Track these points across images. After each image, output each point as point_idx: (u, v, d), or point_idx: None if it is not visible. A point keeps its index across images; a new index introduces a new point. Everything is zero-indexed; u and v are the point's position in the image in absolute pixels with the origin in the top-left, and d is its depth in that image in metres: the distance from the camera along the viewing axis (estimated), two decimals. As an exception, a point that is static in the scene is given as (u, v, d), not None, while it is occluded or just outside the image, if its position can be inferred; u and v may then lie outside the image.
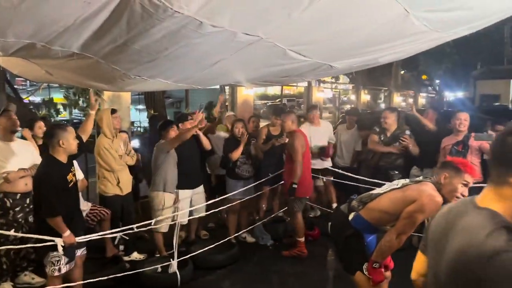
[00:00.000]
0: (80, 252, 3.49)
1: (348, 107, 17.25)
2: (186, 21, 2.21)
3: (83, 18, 2.17)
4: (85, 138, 3.87)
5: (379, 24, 2.72)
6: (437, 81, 25.22)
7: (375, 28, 2.79)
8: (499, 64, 19.95)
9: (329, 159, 5.91)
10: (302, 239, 4.89)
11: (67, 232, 3.16)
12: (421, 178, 3.08)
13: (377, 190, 3.17)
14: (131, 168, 4.79)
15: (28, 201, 3.92)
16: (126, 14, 2.12)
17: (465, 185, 2.73)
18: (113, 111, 4.55)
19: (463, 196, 2.71)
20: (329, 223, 3.35)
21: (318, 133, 5.78)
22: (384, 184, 4.84)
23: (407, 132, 5.30)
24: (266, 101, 19.68)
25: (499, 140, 1.19)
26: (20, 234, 3.68)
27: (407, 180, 3.10)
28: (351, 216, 3.09)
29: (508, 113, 11.59)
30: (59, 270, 3.24)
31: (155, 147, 4.63)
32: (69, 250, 3.23)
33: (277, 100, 18.71)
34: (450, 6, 2.51)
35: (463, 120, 4.80)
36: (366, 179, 5.15)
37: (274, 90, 21.05)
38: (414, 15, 2.57)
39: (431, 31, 2.86)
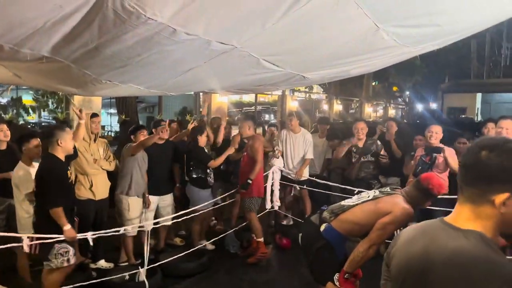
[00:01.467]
0: None
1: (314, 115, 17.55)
2: (159, 28, 2.20)
3: (54, 21, 2.13)
4: (76, 145, 3.95)
5: (350, 37, 2.80)
6: (407, 92, 25.96)
7: (346, 41, 2.86)
8: (466, 78, 20.76)
9: (306, 169, 5.92)
10: (261, 239, 4.93)
11: (68, 226, 3.29)
12: (389, 189, 3.15)
13: (348, 202, 3.22)
14: (110, 174, 4.72)
15: None
16: (98, 19, 2.10)
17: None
18: (93, 115, 4.55)
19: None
20: (300, 234, 3.36)
21: (296, 141, 5.82)
22: (355, 191, 5.00)
23: (378, 142, 5.43)
24: (240, 109, 19.70)
25: (473, 155, 1.09)
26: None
27: (377, 192, 3.16)
28: (322, 227, 3.12)
29: (474, 126, 12.04)
30: (68, 260, 3.37)
31: (122, 151, 4.61)
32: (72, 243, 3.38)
33: (252, 108, 18.76)
34: (418, 22, 2.60)
35: (434, 133, 4.89)
36: (336, 186, 5.24)
37: (249, 97, 21.15)
38: (383, 29, 2.65)
39: (400, 46, 2.96)
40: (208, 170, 5.06)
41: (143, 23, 2.10)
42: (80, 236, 3.51)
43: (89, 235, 3.60)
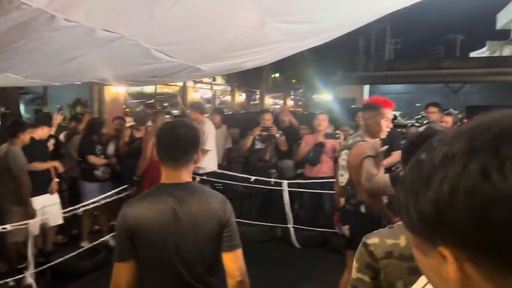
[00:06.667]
0: None
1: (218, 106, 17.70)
2: (35, 13, 2.06)
3: None
4: None
5: (239, 31, 2.89)
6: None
7: (236, 35, 2.95)
8: (355, 71, 22.62)
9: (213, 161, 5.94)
10: None
11: None
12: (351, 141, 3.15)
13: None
14: None
15: None
16: (-39, 1, 1.90)
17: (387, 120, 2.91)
18: None
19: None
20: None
21: None
22: (251, 179, 5.18)
23: (279, 131, 5.71)
24: (140, 100, 18.98)
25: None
26: None
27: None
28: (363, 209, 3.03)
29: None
30: None
31: (12, 154, 4.10)
32: None
33: (152, 100, 18.18)
34: (299, 19, 2.79)
35: (322, 121, 5.33)
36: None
37: (150, 88, 20.51)
38: (269, 25, 2.79)
39: (285, 41, 3.14)
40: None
41: (16, 8, 1.95)
42: None
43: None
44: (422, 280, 1.18)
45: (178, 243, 1.64)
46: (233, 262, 1.70)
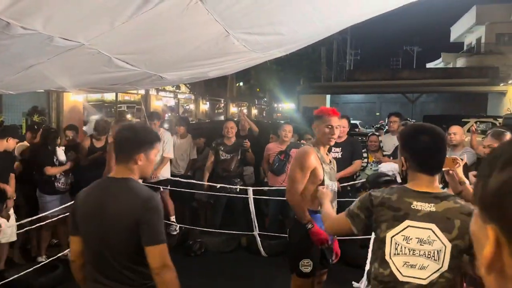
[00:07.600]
0: None
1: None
2: (-12, 20, 1.97)
3: None
4: None
5: (203, 40, 2.89)
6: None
7: (199, 44, 2.95)
8: (318, 81, 23.12)
9: (166, 169, 5.84)
10: None
11: None
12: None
13: None
14: None
15: None
16: None
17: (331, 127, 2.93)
18: None
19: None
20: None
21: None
22: (217, 187, 5.14)
23: (247, 140, 5.69)
24: (101, 108, 18.46)
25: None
26: None
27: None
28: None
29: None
30: None
31: None
32: None
33: (114, 108, 17.77)
34: (263, 30, 2.82)
35: (288, 131, 5.36)
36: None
37: (112, 96, 20.04)
38: (233, 35, 2.80)
39: (249, 51, 3.16)
40: (57, 174, 4.72)
41: (-33, 14, 1.86)
42: None
43: None
44: (401, 226, 1.77)
45: (102, 231, 1.85)
46: (150, 256, 1.80)
